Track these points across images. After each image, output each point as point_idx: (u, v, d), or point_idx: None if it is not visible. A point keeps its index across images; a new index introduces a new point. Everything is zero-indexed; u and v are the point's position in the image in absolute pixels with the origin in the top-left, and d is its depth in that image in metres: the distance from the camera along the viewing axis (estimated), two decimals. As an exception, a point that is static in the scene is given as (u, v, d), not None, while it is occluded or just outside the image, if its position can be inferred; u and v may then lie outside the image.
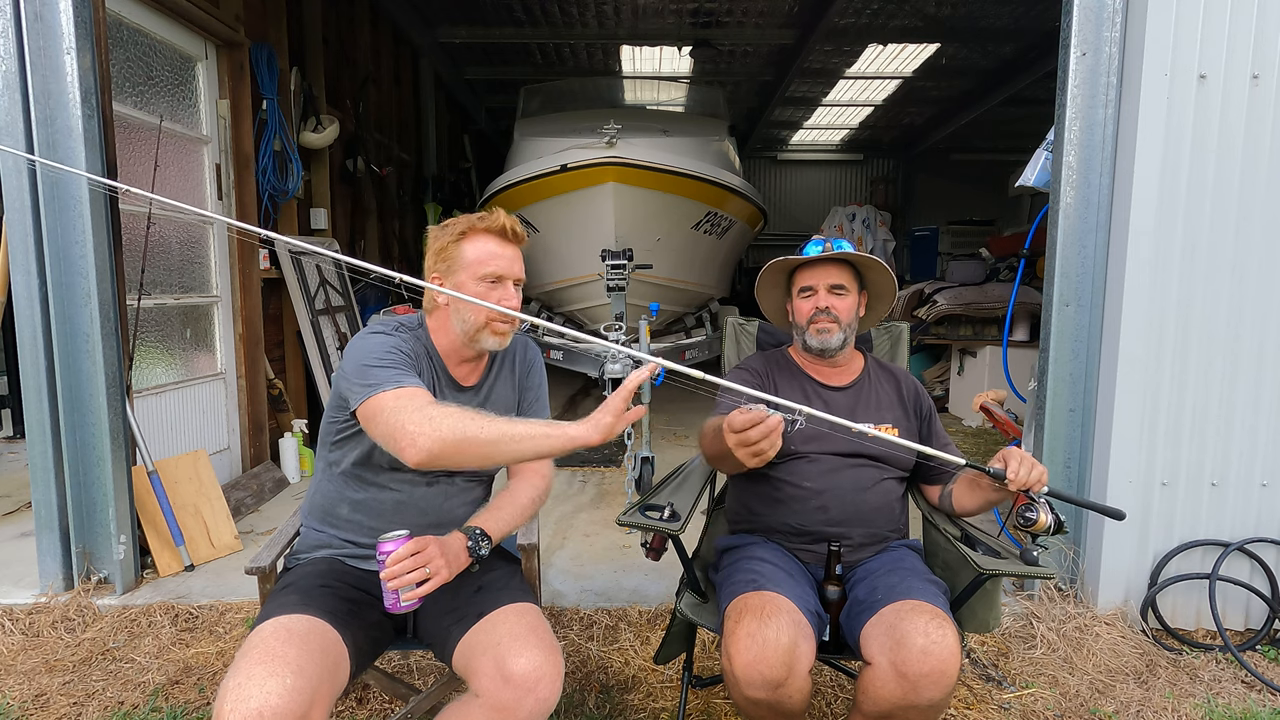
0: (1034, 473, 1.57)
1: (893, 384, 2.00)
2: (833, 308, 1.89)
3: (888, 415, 1.93)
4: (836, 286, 1.90)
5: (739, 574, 1.73)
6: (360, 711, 2.18)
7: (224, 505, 3.34)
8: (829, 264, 1.91)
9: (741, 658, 1.51)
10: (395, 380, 1.46)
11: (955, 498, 1.87)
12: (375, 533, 1.64)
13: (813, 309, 1.91)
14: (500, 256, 1.63)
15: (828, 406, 1.92)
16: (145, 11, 3.41)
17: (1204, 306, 2.58)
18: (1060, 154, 2.66)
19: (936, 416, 2.00)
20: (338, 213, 5.62)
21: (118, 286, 2.82)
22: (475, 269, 1.61)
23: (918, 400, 1.98)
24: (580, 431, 1.33)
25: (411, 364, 1.57)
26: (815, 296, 1.91)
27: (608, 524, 3.62)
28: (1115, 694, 2.31)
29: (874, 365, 2.04)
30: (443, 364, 1.70)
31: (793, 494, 1.86)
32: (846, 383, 1.97)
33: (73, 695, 2.26)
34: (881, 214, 10.71)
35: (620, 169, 4.61)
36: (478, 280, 1.61)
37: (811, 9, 7.11)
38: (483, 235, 1.63)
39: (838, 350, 1.91)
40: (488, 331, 1.64)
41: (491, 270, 1.62)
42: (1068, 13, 2.61)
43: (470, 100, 9.87)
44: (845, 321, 1.90)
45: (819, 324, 1.90)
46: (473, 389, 1.74)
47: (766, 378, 1.96)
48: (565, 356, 5.91)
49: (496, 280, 1.63)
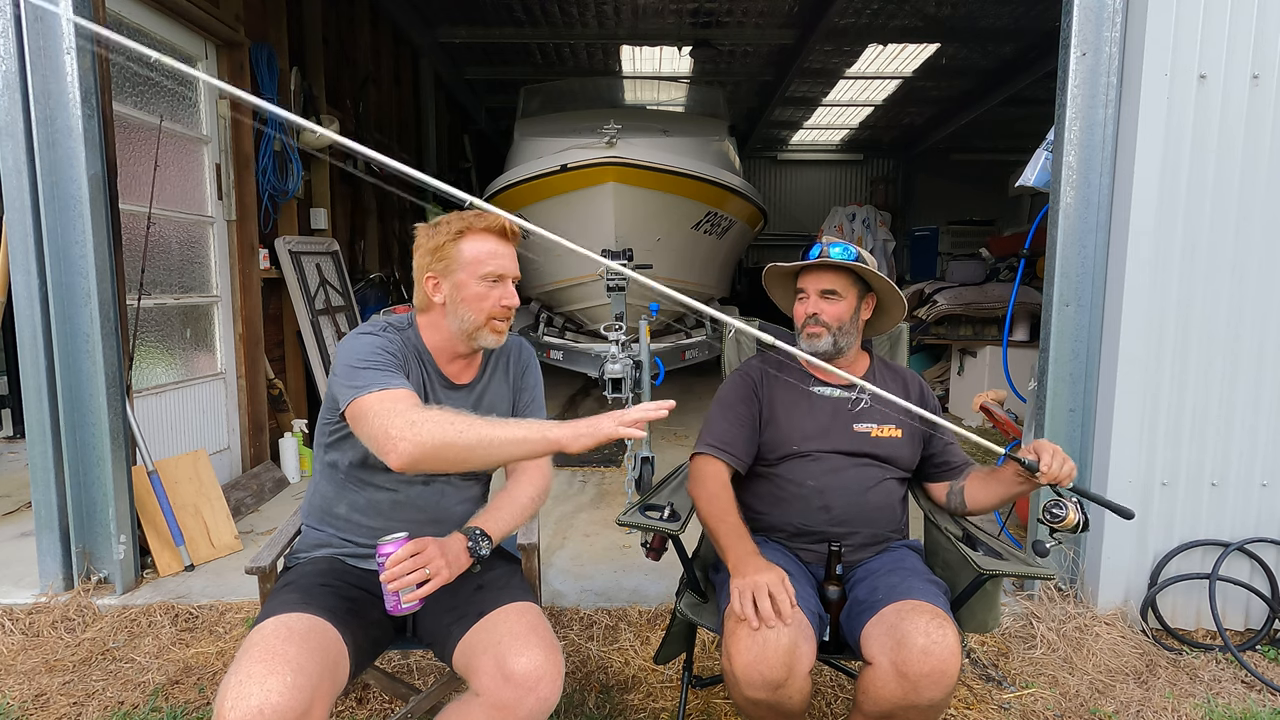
0: (1065, 467, 1.60)
1: (899, 384, 1.99)
2: (821, 313, 1.89)
3: (891, 416, 1.93)
4: (827, 292, 1.89)
5: None
6: (360, 711, 2.18)
7: (224, 505, 3.34)
8: (822, 269, 1.90)
9: (742, 658, 1.51)
10: (381, 382, 1.47)
11: (969, 493, 1.87)
12: (374, 532, 1.64)
13: (803, 313, 1.91)
14: (500, 255, 1.63)
15: (830, 406, 1.92)
16: (145, 11, 3.41)
17: (1204, 306, 2.58)
18: (1060, 154, 2.66)
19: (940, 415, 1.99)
20: (338, 213, 5.62)
21: (118, 286, 2.82)
22: (475, 268, 1.61)
23: (923, 400, 1.98)
24: (559, 435, 1.32)
25: (398, 364, 1.57)
26: (807, 301, 1.91)
27: (608, 524, 3.62)
28: (1115, 694, 2.31)
29: (880, 365, 2.03)
30: (434, 362, 1.69)
31: (795, 493, 1.86)
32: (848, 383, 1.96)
33: (73, 695, 2.25)
34: (881, 214, 10.70)
35: (620, 169, 4.62)
36: (479, 279, 1.61)
37: (811, 9, 7.11)
38: (481, 234, 1.63)
39: (829, 354, 1.90)
40: (487, 330, 1.64)
41: (492, 269, 1.62)
42: (1068, 13, 2.61)
43: (470, 100, 9.88)
44: (834, 326, 1.89)
45: (809, 329, 1.90)
46: (466, 387, 1.74)
47: (760, 384, 1.96)
48: (565, 356, 5.91)
49: (498, 279, 1.63)
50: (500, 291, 1.63)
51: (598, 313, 5.53)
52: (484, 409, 1.74)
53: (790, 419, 1.91)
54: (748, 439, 1.91)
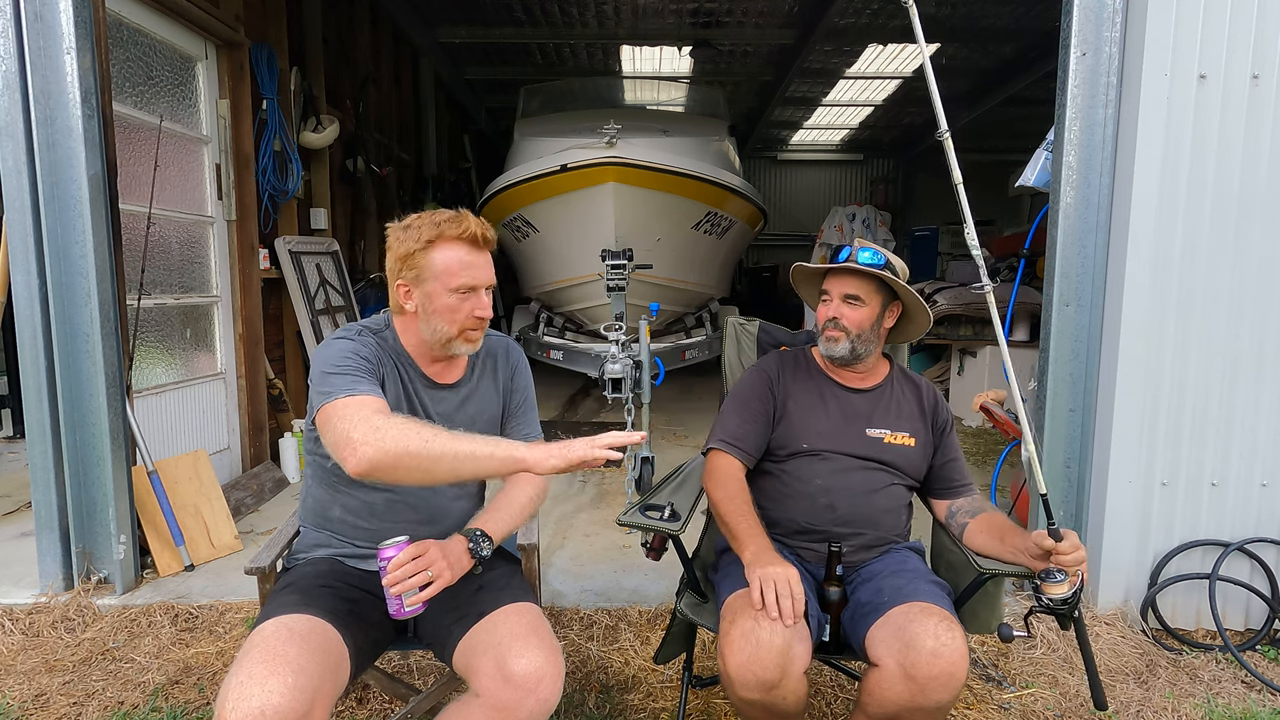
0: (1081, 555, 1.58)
1: (914, 393, 1.98)
2: (842, 318, 1.87)
3: (906, 425, 1.92)
4: (851, 296, 1.88)
5: (737, 573, 1.73)
6: (360, 711, 2.18)
7: (224, 505, 3.34)
8: (848, 273, 1.88)
9: (735, 658, 1.51)
10: (348, 388, 1.43)
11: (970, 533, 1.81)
12: (370, 533, 1.64)
13: (824, 316, 1.91)
14: (473, 266, 1.57)
15: (845, 408, 1.92)
16: (145, 11, 3.41)
17: (1204, 307, 2.58)
18: (1060, 154, 2.66)
19: (954, 432, 1.99)
20: (338, 213, 5.62)
21: (118, 286, 2.82)
22: (447, 280, 1.55)
23: (936, 411, 1.98)
24: (528, 456, 1.30)
25: (371, 369, 1.53)
26: (829, 304, 1.90)
27: (608, 524, 3.62)
28: (1115, 694, 2.31)
29: (899, 374, 2.02)
30: (414, 363, 1.67)
31: (801, 490, 1.87)
32: (868, 386, 1.96)
33: (73, 695, 2.25)
34: (881, 214, 10.70)
35: (620, 169, 4.62)
36: (450, 292, 1.56)
37: (811, 9, 7.11)
38: (453, 243, 1.56)
39: (846, 358, 1.90)
40: (460, 340, 1.61)
41: (464, 281, 1.56)
42: (1068, 13, 2.61)
43: (470, 100, 9.88)
44: (854, 332, 1.87)
45: (828, 332, 1.89)
46: (452, 387, 1.72)
47: (777, 381, 1.96)
48: (565, 356, 5.91)
49: (470, 290, 1.58)
50: (473, 303, 1.58)
51: (598, 313, 5.53)
52: (472, 409, 1.73)
53: (804, 417, 1.91)
54: (760, 435, 1.91)
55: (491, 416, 1.78)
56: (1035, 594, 1.58)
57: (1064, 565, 1.57)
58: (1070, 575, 1.56)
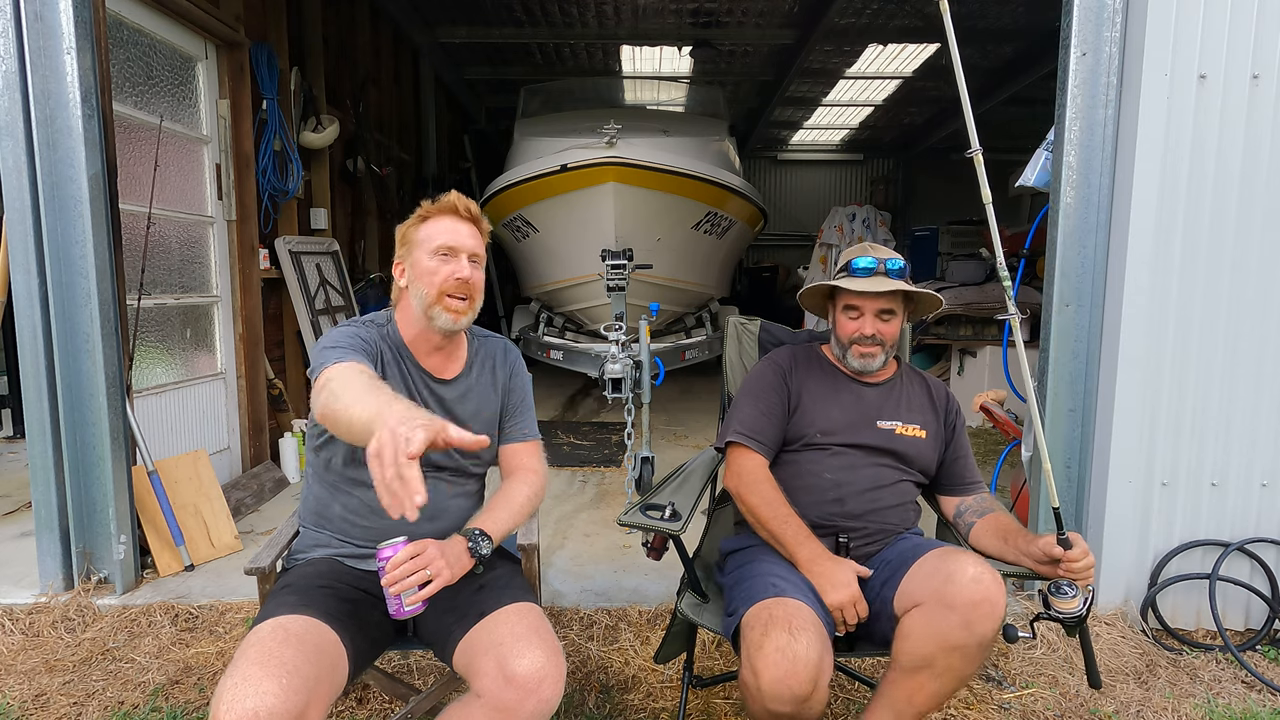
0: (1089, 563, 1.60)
1: (924, 388, 1.99)
2: (879, 333, 1.87)
3: (917, 417, 1.93)
4: (885, 312, 1.87)
5: (757, 577, 1.70)
6: (360, 711, 2.18)
7: (224, 505, 3.34)
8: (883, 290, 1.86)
9: (770, 673, 1.47)
10: (338, 357, 1.49)
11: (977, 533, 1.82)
12: (371, 533, 1.64)
13: (856, 331, 1.89)
14: (453, 231, 1.67)
15: (858, 399, 1.93)
16: (145, 11, 3.41)
17: (1204, 306, 2.58)
18: (1060, 154, 2.66)
19: (964, 427, 2.00)
20: (338, 213, 5.62)
21: (118, 286, 2.82)
22: (427, 244, 1.66)
23: (948, 405, 1.98)
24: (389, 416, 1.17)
25: (367, 349, 1.60)
26: (862, 320, 1.88)
27: (608, 524, 3.62)
28: (1115, 694, 2.31)
29: (907, 369, 2.04)
30: (413, 357, 1.71)
31: (811, 483, 1.87)
32: (880, 380, 1.97)
33: (73, 695, 2.25)
34: (881, 214, 10.68)
35: (620, 169, 4.62)
36: (431, 254, 1.65)
37: (811, 9, 7.11)
38: (437, 215, 1.69)
39: (879, 369, 1.92)
40: (440, 307, 1.64)
41: (442, 243, 1.65)
42: (1068, 13, 2.61)
43: (470, 100, 9.88)
44: (889, 345, 1.89)
45: (863, 348, 1.88)
46: (452, 383, 1.75)
47: (790, 373, 1.96)
48: (565, 356, 5.92)
49: (449, 252, 1.65)
50: (452, 266, 1.65)
51: (598, 313, 5.53)
52: (472, 405, 1.76)
53: (818, 407, 1.91)
54: (777, 427, 1.91)
55: (490, 414, 1.80)
56: (1045, 605, 1.59)
57: (1074, 572, 1.58)
58: (1081, 587, 1.57)
